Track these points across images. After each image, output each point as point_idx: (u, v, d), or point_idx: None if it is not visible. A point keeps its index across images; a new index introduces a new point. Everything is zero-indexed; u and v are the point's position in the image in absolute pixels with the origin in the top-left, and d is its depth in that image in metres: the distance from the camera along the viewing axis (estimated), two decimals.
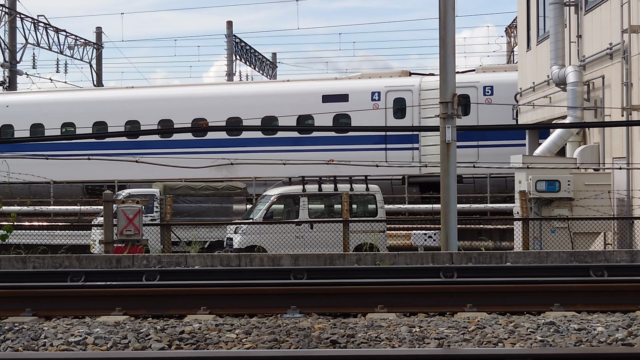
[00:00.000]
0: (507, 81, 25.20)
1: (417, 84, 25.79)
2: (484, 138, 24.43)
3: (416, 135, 25.19)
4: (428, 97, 24.81)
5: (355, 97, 25.92)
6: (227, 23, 47.58)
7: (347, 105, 25.60)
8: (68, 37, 41.43)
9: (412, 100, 25.45)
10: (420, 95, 25.44)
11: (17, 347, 7.16)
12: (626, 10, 16.91)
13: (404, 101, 25.64)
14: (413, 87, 25.66)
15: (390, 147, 25.20)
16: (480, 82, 25.35)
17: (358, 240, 18.36)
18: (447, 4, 13.98)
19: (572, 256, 12.93)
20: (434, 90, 23.99)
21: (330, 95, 26.29)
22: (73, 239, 22.15)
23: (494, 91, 24.95)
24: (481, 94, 24.99)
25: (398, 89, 25.81)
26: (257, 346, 7.06)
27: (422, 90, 25.47)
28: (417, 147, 25.25)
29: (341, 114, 25.66)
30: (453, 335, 7.32)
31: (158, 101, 28.29)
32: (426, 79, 25.99)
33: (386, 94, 25.76)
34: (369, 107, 25.16)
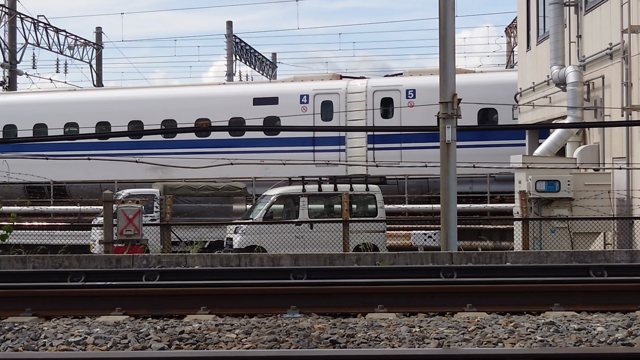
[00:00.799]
0: (429, 85, 25.35)
1: (344, 87, 26.51)
2: (406, 140, 25.08)
3: (343, 137, 25.95)
4: (354, 100, 25.88)
5: (285, 100, 26.71)
6: (227, 23, 47.62)
7: (277, 108, 26.53)
8: (68, 37, 41.45)
9: (339, 102, 26.15)
10: (346, 98, 26.18)
11: (17, 347, 7.16)
12: (626, 10, 16.92)
13: (331, 104, 26.35)
14: (340, 90, 26.40)
15: (318, 148, 25.82)
16: (403, 85, 26.03)
17: (358, 240, 18.36)
18: (447, 4, 13.98)
19: (572, 256, 12.93)
20: (359, 93, 25.68)
21: (261, 98, 27.06)
22: (73, 239, 22.15)
23: (416, 94, 25.57)
24: (404, 97, 25.67)
25: (326, 92, 26.51)
26: (257, 346, 7.06)
27: (348, 93, 26.24)
28: (344, 149, 25.97)
29: (271, 117, 26.36)
30: (453, 335, 7.32)
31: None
32: (353, 82, 26.81)
33: (314, 97, 26.48)
34: (298, 110, 25.97)
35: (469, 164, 15.60)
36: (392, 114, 25.56)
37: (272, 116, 26.42)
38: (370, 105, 25.84)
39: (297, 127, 24.46)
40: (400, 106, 25.29)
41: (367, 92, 26.10)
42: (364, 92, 26.11)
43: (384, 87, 26.17)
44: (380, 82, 27.05)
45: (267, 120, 26.19)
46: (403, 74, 27.73)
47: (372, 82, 26.76)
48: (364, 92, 26.11)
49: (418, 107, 24.36)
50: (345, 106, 25.98)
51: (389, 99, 25.78)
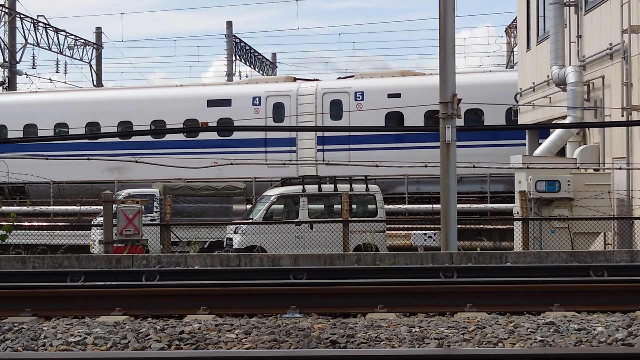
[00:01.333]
0: (377, 87, 26.35)
1: (295, 89, 27.01)
2: (355, 142, 25.56)
3: (294, 138, 26.45)
4: (304, 101, 26.53)
5: (238, 102, 27.20)
6: (227, 23, 47.61)
7: (230, 109, 27.04)
8: (68, 37, 41.45)
9: (291, 104, 26.69)
10: (297, 99, 26.74)
11: (17, 347, 7.15)
12: (626, 10, 16.91)
13: (283, 105, 26.86)
14: (291, 92, 26.94)
15: (270, 150, 26.27)
16: (351, 88, 26.49)
17: (358, 240, 18.35)
18: (447, 4, 13.97)
19: (572, 256, 12.92)
20: (309, 95, 26.22)
21: (215, 100, 27.55)
22: (73, 239, 22.15)
23: (365, 96, 26.07)
24: (352, 100, 26.13)
25: (277, 94, 27.04)
26: (257, 346, 7.06)
27: (299, 95, 26.80)
28: (295, 150, 26.45)
29: (225, 118, 26.79)
30: (453, 335, 7.32)
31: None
32: (304, 84, 27.29)
33: (266, 99, 27.00)
34: (250, 111, 26.57)
35: (469, 164, 15.58)
36: (342, 115, 26.15)
37: (226, 118, 26.86)
38: (320, 107, 26.44)
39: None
40: (349, 108, 25.94)
41: (317, 94, 26.64)
42: (313, 95, 26.73)
43: (333, 90, 26.80)
44: (330, 84, 27.66)
45: (220, 122, 26.72)
46: (355, 76, 28.31)
47: (321, 85, 27.30)
48: (314, 94, 26.73)
49: (366, 108, 25.11)
50: (296, 108, 26.58)
51: (339, 101, 26.34)
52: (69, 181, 27.27)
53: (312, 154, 26.28)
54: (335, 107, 26.38)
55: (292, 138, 26.47)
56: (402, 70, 27.88)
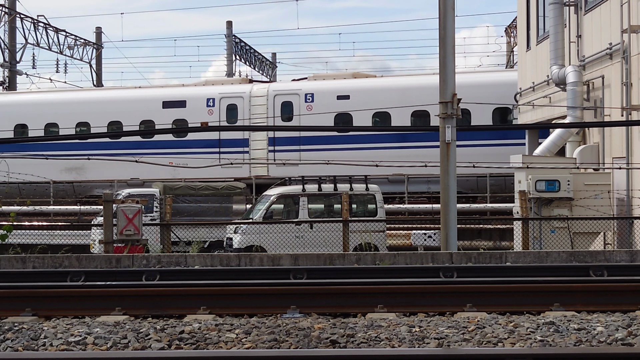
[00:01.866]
0: (326, 89, 26.84)
1: (248, 90, 27.52)
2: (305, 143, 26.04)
3: (247, 139, 26.91)
4: (257, 103, 27.05)
5: (192, 103, 27.65)
6: (227, 23, 47.60)
7: (184, 111, 27.51)
8: (68, 37, 41.44)
9: (244, 106, 27.21)
10: (250, 101, 27.21)
11: (17, 347, 7.16)
12: (626, 10, 16.92)
13: (235, 107, 27.33)
14: (244, 94, 27.44)
15: (223, 150, 26.63)
16: (302, 90, 26.98)
17: (358, 240, 18.35)
18: (447, 4, 13.97)
19: (572, 256, 12.93)
20: (261, 97, 26.81)
21: (170, 102, 28.03)
22: (73, 239, 22.16)
23: (314, 98, 26.54)
24: (303, 101, 26.65)
25: (230, 96, 27.52)
26: (257, 346, 7.06)
27: (252, 96, 27.30)
28: (248, 151, 26.93)
29: (179, 119, 27.27)
30: (453, 335, 7.32)
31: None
32: (257, 86, 27.87)
33: (220, 100, 27.44)
34: (205, 113, 26.93)
35: (469, 164, 15.58)
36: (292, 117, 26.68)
37: (181, 119, 27.27)
38: (271, 108, 26.92)
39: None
40: (300, 109, 26.46)
41: (269, 96, 27.16)
42: (265, 96, 27.26)
43: (284, 92, 27.35)
44: (281, 86, 28.26)
45: (175, 123, 27.21)
46: (308, 78, 28.80)
47: (273, 87, 27.92)
48: (266, 96, 27.25)
49: (316, 110, 25.72)
50: (249, 109, 27.06)
51: (289, 103, 26.86)
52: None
53: (264, 155, 26.90)
54: (286, 109, 26.92)
55: (245, 139, 26.99)
56: (353, 73, 28.59)
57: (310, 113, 25.77)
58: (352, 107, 25.51)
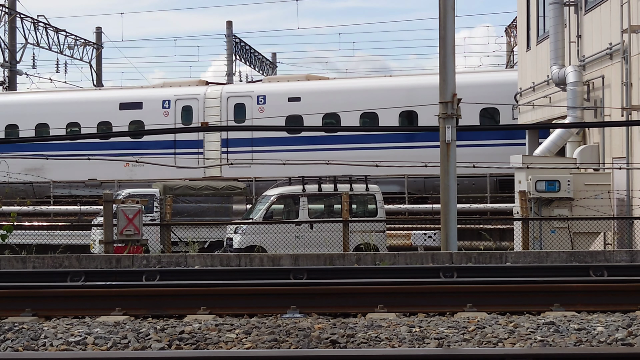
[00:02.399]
0: (278, 91, 27.48)
1: (203, 92, 28.04)
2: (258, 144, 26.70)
3: (201, 140, 27.45)
4: (211, 105, 27.73)
5: (149, 105, 28.24)
6: (227, 23, 47.58)
7: (141, 112, 28.10)
8: (68, 37, 41.45)
9: (198, 107, 27.81)
10: (205, 103, 27.80)
11: (17, 347, 7.16)
12: (626, 10, 16.92)
13: (190, 109, 27.89)
14: (199, 96, 27.98)
15: (179, 151, 27.16)
16: (254, 92, 27.71)
17: (358, 240, 18.35)
18: (447, 4, 13.97)
19: (572, 256, 12.93)
20: (215, 99, 27.42)
21: (127, 103, 28.57)
22: (73, 239, 22.17)
23: (266, 100, 27.23)
24: (255, 103, 27.29)
25: (186, 98, 28.09)
26: (257, 346, 7.06)
27: (206, 98, 27.88)
28: (202, 152, 27.45)
29: (136, 121, 27.87)
30: (453, 335, 7.32)
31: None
32: (211, 88, 28.36)
33: (175, 102, 28.06)
34: (161, 114, 27.68)
35: (469, 164, 15.58)
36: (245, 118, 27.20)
37: (137, 120, 27.90)
38: (225, 110, 27.42)
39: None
40: (252, 111, 27.08)
41: (222, 97, 27.72)
42: (219, 98, 27.82)
43: (237, 94, 27.98)
44: (234, 88, 29.00)
45: (132, 125, 27.82)
46: (263, 80, 29.57)
47: (227, 89, 28.46)
48: (219, 97, 27.81)
49: (268, 111, 26.42)
50: (203, 111, 27.59)
51: (242, 105, 27.43)
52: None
53: (217, 156, 27.40)
54: (239, 111, 27.43)
55: (199, 140, 27.49)
56: (307, 75, 29.13)
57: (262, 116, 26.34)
58: (302, 108, 26.19)
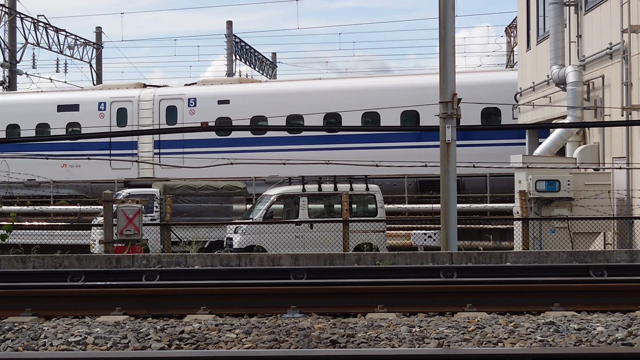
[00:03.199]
0: (208, 94, 28.19)
1: (137, 95, 28.67)
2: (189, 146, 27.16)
3: (135, 142, 28.04)
4: (144, 107, 28.37)
5: (85, 107, 28.89)
6: (227, 23, 47.61)
7: (78, 114, 28.69)
8: (68, 37, 41.45)
9: (133, 110, 28.50)
10: (139, 105, 28.47)
11: (17, 347, 7.16)
12: (626, 10, 16.91)
13: (125, 110, 28.53)
14: (133, 98, 28.64)
15: (114, 152, 27.82)
16: (185, 94, 28.35)
17: (358, 240, 18.35)
18: (447, 4, 13.97)
19: (572, 256, 12.93)
20: (148, 101, 28.07)
21: (64, 105, 29.15)
22: (73, 238, 22.17)
23: (197, 103, 27.94)
24: (186, 105, 28.00)
25: (121, 100, 28.72)
26: (257, 346, 7.06)
27: (140, 101, 28.53)
28: (136, 153, 28.07)
29: (73, 123, 28.48)
30: (453, 335, 7.32)
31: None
32: (145, 91, 28.94)
33: (111, 104, 28.68)
34: (97, 116, 28.33)
35: (469, 164, 15.57)
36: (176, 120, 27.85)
37: (74, 122, 28.42)
38: (157, 112, 28.09)
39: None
40: (183, 113, 27.78)
41: (155, 100, 28.35)
42: (151, 101, 28.43)
43: (169, 96, 28.59)
44: (167, 91, 29.40)
45: (69, 126, 28.32)
46: (197, 83, 29.99)
47: (159, 91, 28.99)
48: (152, 100, 28.43)
49: (198, 114, 27.08)
50: (137, 113, 28.23)
51: (174, 107, 28.08)
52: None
53: (150, 156, 28.07)
54: (170, 113, 28.05)
55: (134, 141, 28.07)
56: (240, 78, 30.02)
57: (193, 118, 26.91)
58: (231, 111, 26.92)
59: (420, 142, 24.91)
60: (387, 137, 25.85)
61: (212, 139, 26.77)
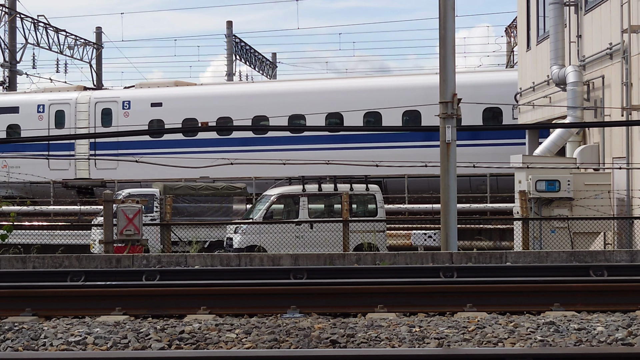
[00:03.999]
0: (141, 97, 28.96)
1: (75, 97, 29.36)
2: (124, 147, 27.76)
3: (73, 143, 28.73)
4: (81, 109, 29.12)
5: (25, 109, 29.67)
6: (227, 23, 47.60)
7: (18, 116, 29.44)
8: (68, 37, 41.44)
9: (70, 112, 29.27)
10: (76, 107, 29.22)
11: (17, 347, 7.16)
12: (626, 10, 16.91)
13: (63, 113, 29.31)
14: (71, 101, 29.44)
15: (52, 153, 28.25)
16: (120, 97, 29.24)
17: (358, 240, 18.35)
18: (447, 4, 13.97)
19: (572, 256, 12.93)
20: (85, 104, 28.75)
21: (3, 108, 29.85)
22: (73, 238, 22.18)
23: (131, 105, 28.86)
24: (120, 108, 28.91)
25: (59, 102, 29.62)
26: (257, 346, 7.06)
27: (77, 103, 29.30)
28: (74, 154, 28.77)
29: (13, 124, 29.38)
30: (453, 335, 7.32)
31: None
32: (82, 94, 29.68)
33: (49, 107, 29.48)
34: (36, 118, 29.07)
35: (469, 164, 15.57)
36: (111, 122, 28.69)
37: (14, 124, 29.32)
38: (93, 114, 28.82)
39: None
40: (118, 116, 28.64)
41: (91, 103, 29.09)
42: (88, 103, 29.16)
43: (104, 99, 29.37)
44: (103, 94, 30.28)
45: (9, 128, 29.21)
46: (135, 86, 30.82)
47: (95, 94, 29.79)
48: (88, 103, 29.14)
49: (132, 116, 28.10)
50: (75, 115, 28.91)
51: (109, 109, 28.91)
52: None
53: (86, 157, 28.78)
54: (106, 115, 28.76)
55: (71, 143, 28.69)
56: (175, 81, 30.41)
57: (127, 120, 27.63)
58: (164, 113, 27.78)
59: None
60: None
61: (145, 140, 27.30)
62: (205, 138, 27.10)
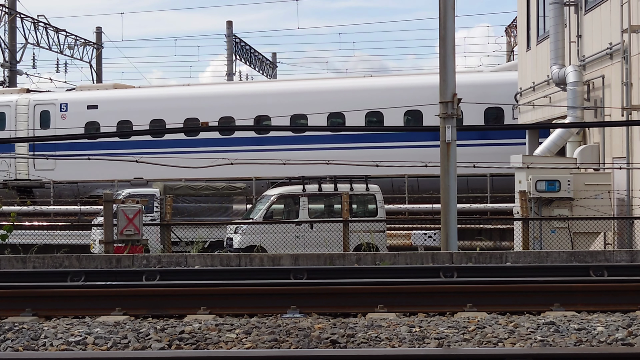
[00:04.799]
0: (78, 99, 29.46)
1: (15, 100, 29.66)
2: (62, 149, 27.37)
3: (13, 145, 29.01)
4: (21, 112, 29.37)
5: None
6: (227, 23, 47.60)
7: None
8: (68, 37, 41.46)
9: (11, 114, 29.57)
10: (16, 110, 29.46)
11: (17, 347, 7.16)
12: (626, 10, 16.91)
13: (4, 115, 29.63)
14: (11, 103, 29.67)
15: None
16: (58, 100, 29.48)
17: (358, 240, 18.34)
18: (447, 4, 13.97)
19: (572, 256, 12.93)
20: (24, 106, 29.15)
21: None
22: (73, 238, 22.17)
23: (68, 108, 29.04)
24: (58, 110, 29.05)
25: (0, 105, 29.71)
26: (257, 346, 7.06)
27: (17, 105, 29.53)
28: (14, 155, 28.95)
29: None
30: (453, 335, 7.32)
31: None
32: (23, 96, 29.93)
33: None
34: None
35: (469, 164, 15.56)
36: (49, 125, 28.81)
37: None
38: (32, 117, 29.14)
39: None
40: (56, 118, 28.84)
41: (30, 105, 29.38)
42: (27, 106, 29.46)
43: (43, 102, 29.66)
44: (41, 96, 30.45)
45: None
46: (75, 89, 31.18)
47: (34, 97, 30.02)
48: (27, 105, 29.43)
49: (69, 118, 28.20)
50: (15, 117, 29.22)
51: (47, 112, 29.15)
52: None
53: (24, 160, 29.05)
54: (44, 118, 29.01)
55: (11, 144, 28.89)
56: (114, 84, 30.97)
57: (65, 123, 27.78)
58: (99, 116, 28.12)
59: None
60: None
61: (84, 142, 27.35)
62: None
